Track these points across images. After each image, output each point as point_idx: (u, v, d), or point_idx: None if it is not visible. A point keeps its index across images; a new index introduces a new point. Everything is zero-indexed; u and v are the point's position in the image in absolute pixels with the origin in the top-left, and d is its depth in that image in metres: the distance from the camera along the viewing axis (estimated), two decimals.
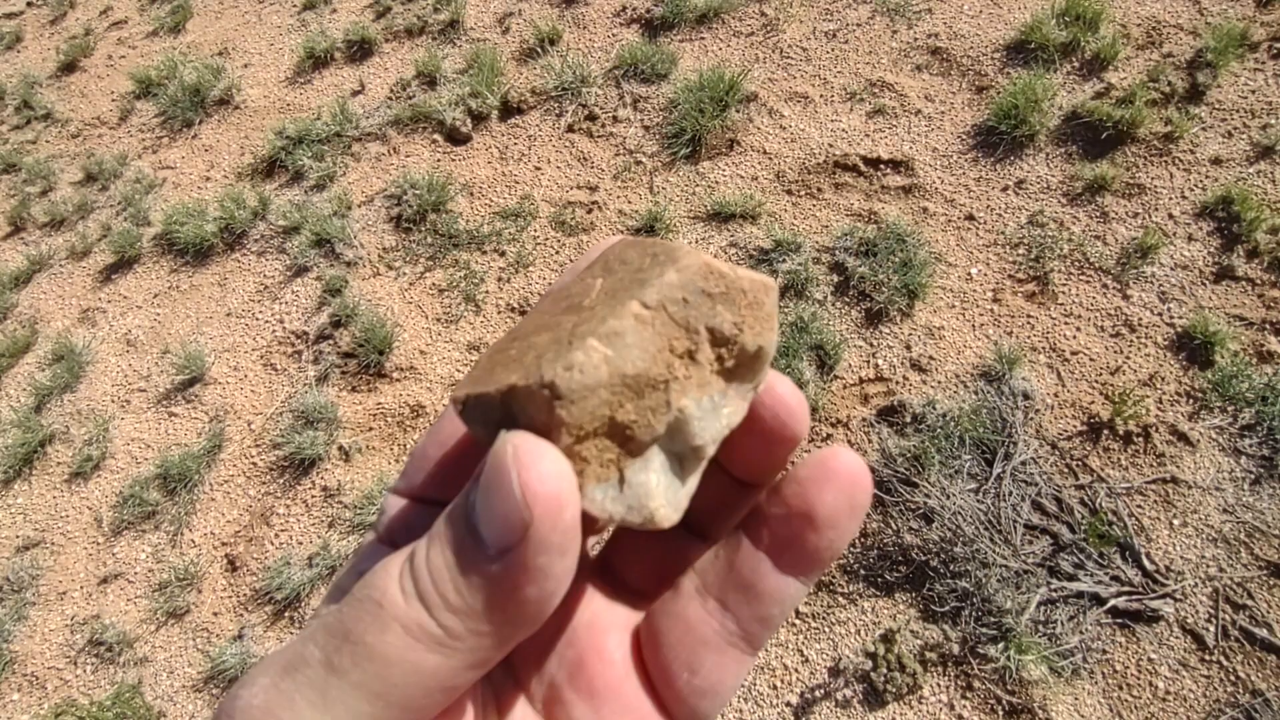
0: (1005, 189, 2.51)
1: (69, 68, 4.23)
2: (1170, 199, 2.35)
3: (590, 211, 2.83)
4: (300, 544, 2.34)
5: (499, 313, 2.66)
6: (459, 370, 2.57)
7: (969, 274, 2.38)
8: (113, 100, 3.97)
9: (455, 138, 3.19)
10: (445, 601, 0.23)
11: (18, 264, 3.36)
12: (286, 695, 0.22)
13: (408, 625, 0.22)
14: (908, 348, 2.27)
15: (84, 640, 2.32)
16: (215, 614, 2.29)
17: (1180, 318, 2.15)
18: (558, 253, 2.75)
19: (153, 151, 3.65)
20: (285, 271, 2.98)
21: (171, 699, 2.17)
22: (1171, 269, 2.24)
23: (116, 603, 2.38)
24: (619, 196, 2.83)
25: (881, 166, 2.67)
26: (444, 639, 0.23)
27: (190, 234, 3.11)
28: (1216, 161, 2.37)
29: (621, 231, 2.72)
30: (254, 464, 2.54)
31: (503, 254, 2.81)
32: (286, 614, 2.23)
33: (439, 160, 3.14)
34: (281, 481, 2.47)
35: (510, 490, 0.22)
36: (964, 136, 2.65)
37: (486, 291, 2.72)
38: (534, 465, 0.22)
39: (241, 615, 2.27)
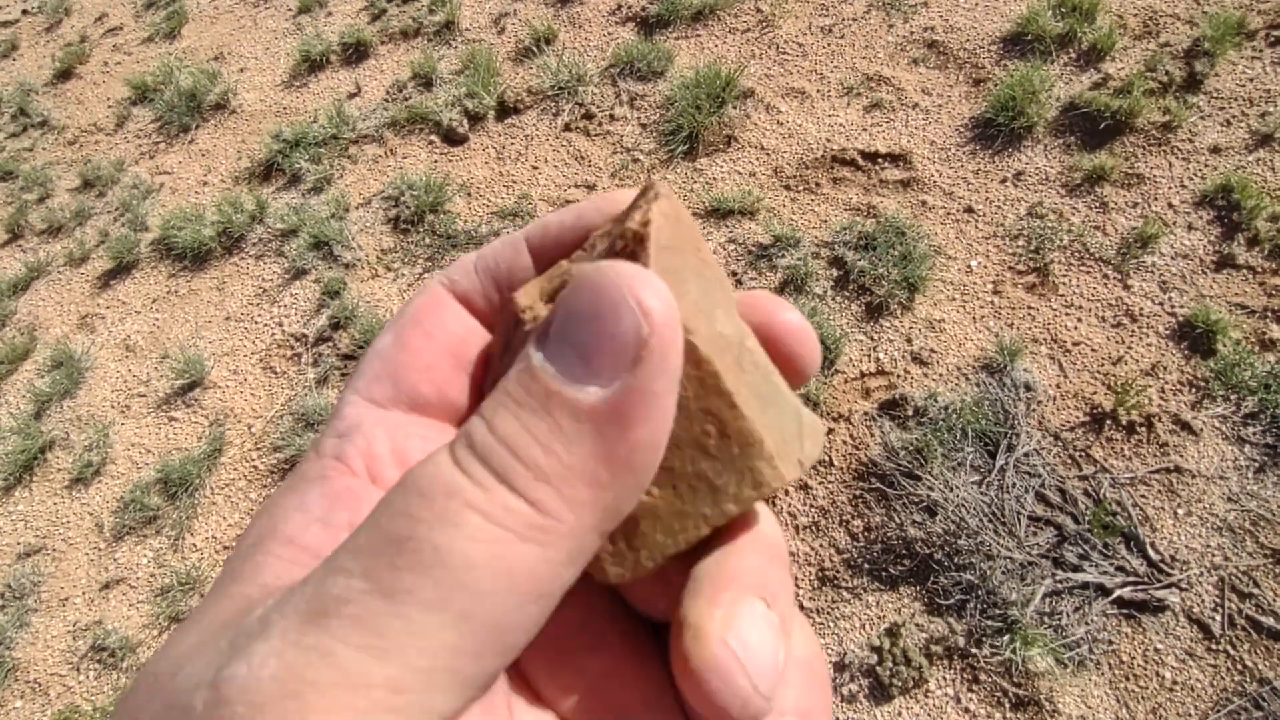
0: (1004, 181, 2.50)
1: (65, 75, 4.23)
2: (1170, 188, 2.34)
3: None
4: None
5: None
6: None
7: (969, 266, 2.37)
8: (109, 107, 3.96)
9: (452, 138, 3.18)
10: (535, 468, 0.18)
11: (16, 271, 3.36)
12: (319, 652, 0.16)
13: (489, 511, 0.18)
14: (908, 341, 2.27)
15: (86, 646, 2.32)
16: None
17: (1181, 307, 2.14)
18: None
19: (150, 157, 3.65)
20: (284, 274, 2.98)
21: None
22: (1172, 258, 2.23)
23: (119, 608, 2.37)
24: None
25: (879, 160, 2.66)
26: (538, 521, 0.18)
27: (188, 239, 3.10)
28: (1215, 150, 2.37)
29: None
30: (255, 467, 2.54)
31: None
32: None
33: (436, 161, 3.13)
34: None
35: (624, 303, 0.19)
36: (962, 129, 2.65)
37: None
38: (646, 280, 0.19)
39: None
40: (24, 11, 4.82)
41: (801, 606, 1.96)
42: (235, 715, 0.16)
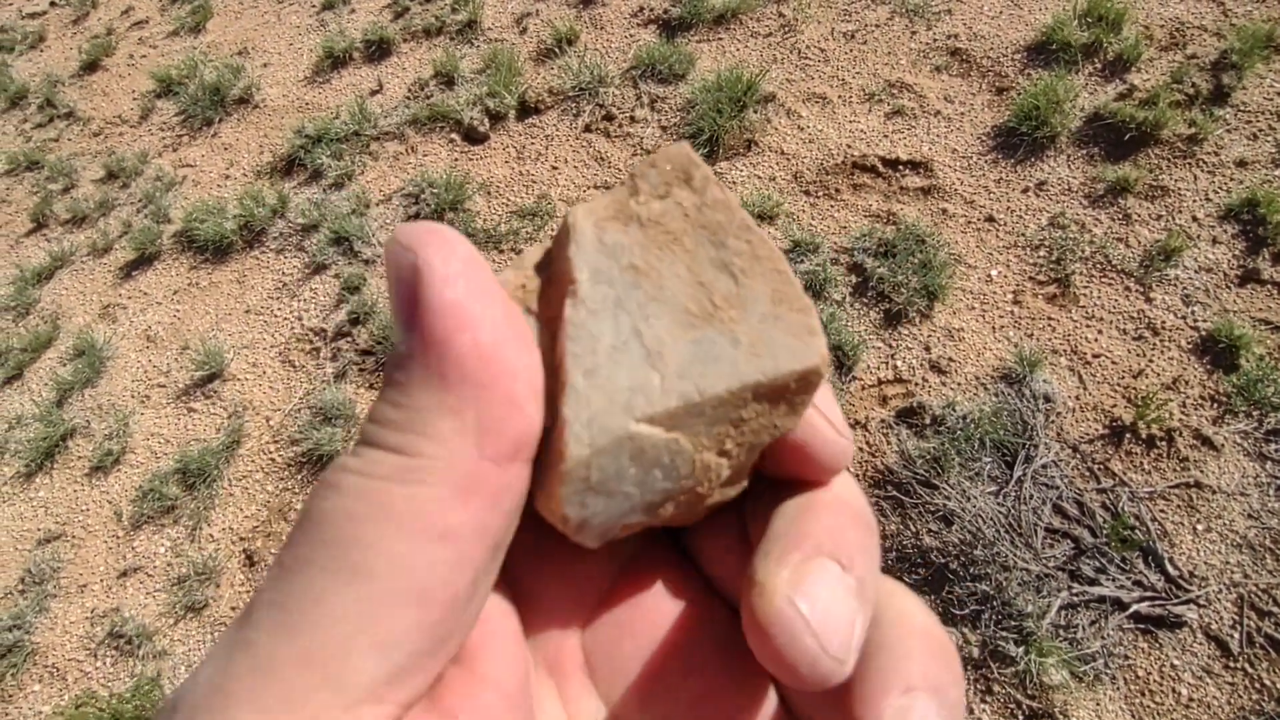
0: (1026, 190, 2.49)
1: (91, 67, 4.28)
2: (1194, 201, 2.33)
3: None
4: None
5: None
6: None
7: (989, 275, 2.36)
8: (134, 99, 4.01)
9: (473, 137, 3.20)
10: (388, 422, 0.19)
11: (40, 260, 3.40)
12: (242, 644, 0.17)
13: (361, 469, 0.18)
14: (927, 349, 2.26)
15: (104, 633, 2.34)
16: (233, 608, 2.31)
17: (1204, 321, 2.13)
18: None
19: (173, 150, 3.69)
20: (304, 269, 3.00)
21: None
22: (1195, 272, 2.21)
23: (136, 596, 2.40)
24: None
25: (900, 167, 2.66)
26: (408, 463, 0.18)
27: (210, 231, 3.13)
28: (1241, 164, 2.35)
29: None
30: (272, 460, 2.56)
31: (519, 253, 2.81)
32: None
33: (456, 159, 3.15)
34: (300, 477, 2.49)
35: (393, 248, 0.19)
36: (984, 138, 2.64)
37: None
38: (419, 225, 0.20)
39: None
40: (52, 3, 4.88)
41: None
42: (176, 712, 0.17)
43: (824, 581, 0.20)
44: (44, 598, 2.45)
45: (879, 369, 2.27)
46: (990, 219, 2.46)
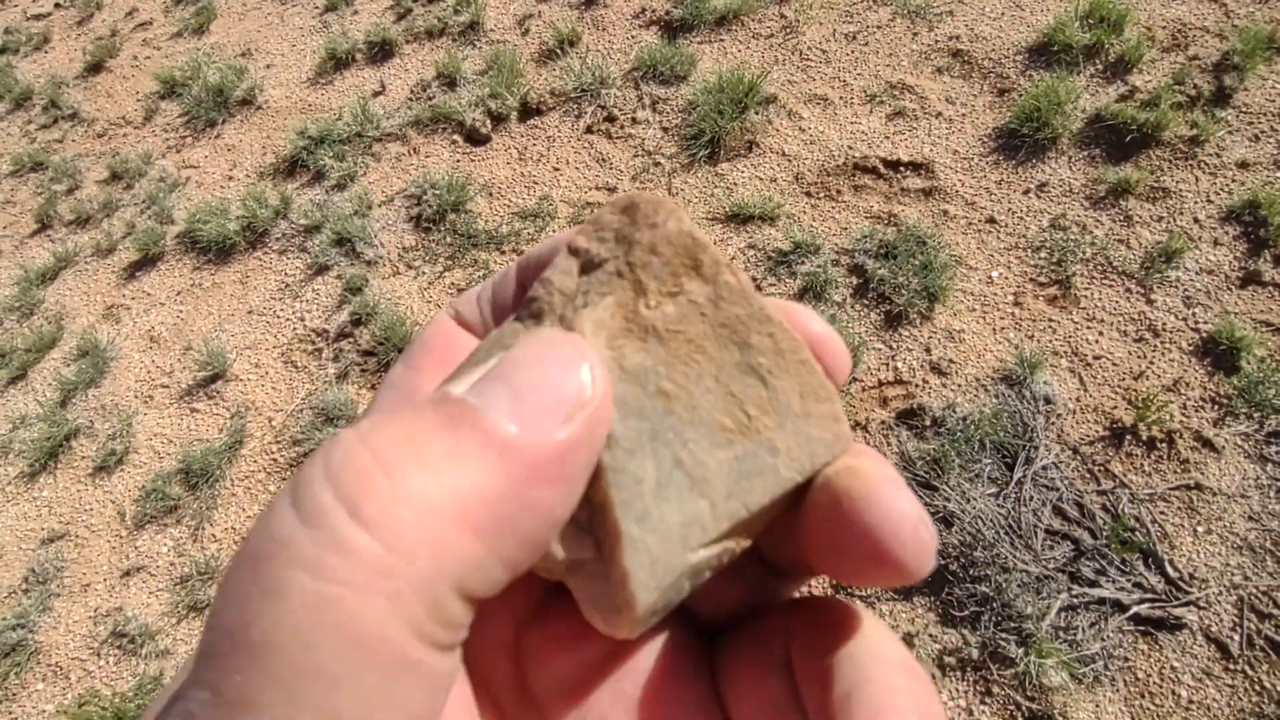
0: (1027, 192, 2.49)
1: (95, 68, 4.29)
2: (1195, 203, 2.33)
3: None
4: None
5: None
6: None
7: (990, 277, 2.36)
8: (138, 100, 4.02)
9: (475, 138, 3.21)
10: (400, 479, 0.15)
11: (45, 261, 3.42)
12: None
13: (320, 560, 0.14)
14: (927, 351, 2.26)
15: (107, 632, 2.36)
16: None
17: (1205, 323, 2.12)
18: None
19: (176, 151, 3.70)
20: (306, 270, 3.01)
21: None
22: (1196, 274, 2.21)
23: (139, 595, 2.41)
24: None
25: (901, 169, 2.66)
26: (383, 561, 0.15)
27: (213, 232, 3.14)
28: (1243, 165, 2.34)
29: None
30: (275, 460, 2.57)
31: (521, 254, 2.82)
32: None
33: (459, 161, 3.16)
34: None
35: (579, 360, 0.18)
36: (985, 139, 2.64)
37: None
38: (597, 357, 0.19)
39: None
40: (57, 5, 4.90)
41: None
42: None
43: None
44: (47, 597, 2.47)
45: (879, 370, 2.27)
46: (991, 220, 2.46)
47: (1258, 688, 1.69)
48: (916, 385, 2.22)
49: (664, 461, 0.21)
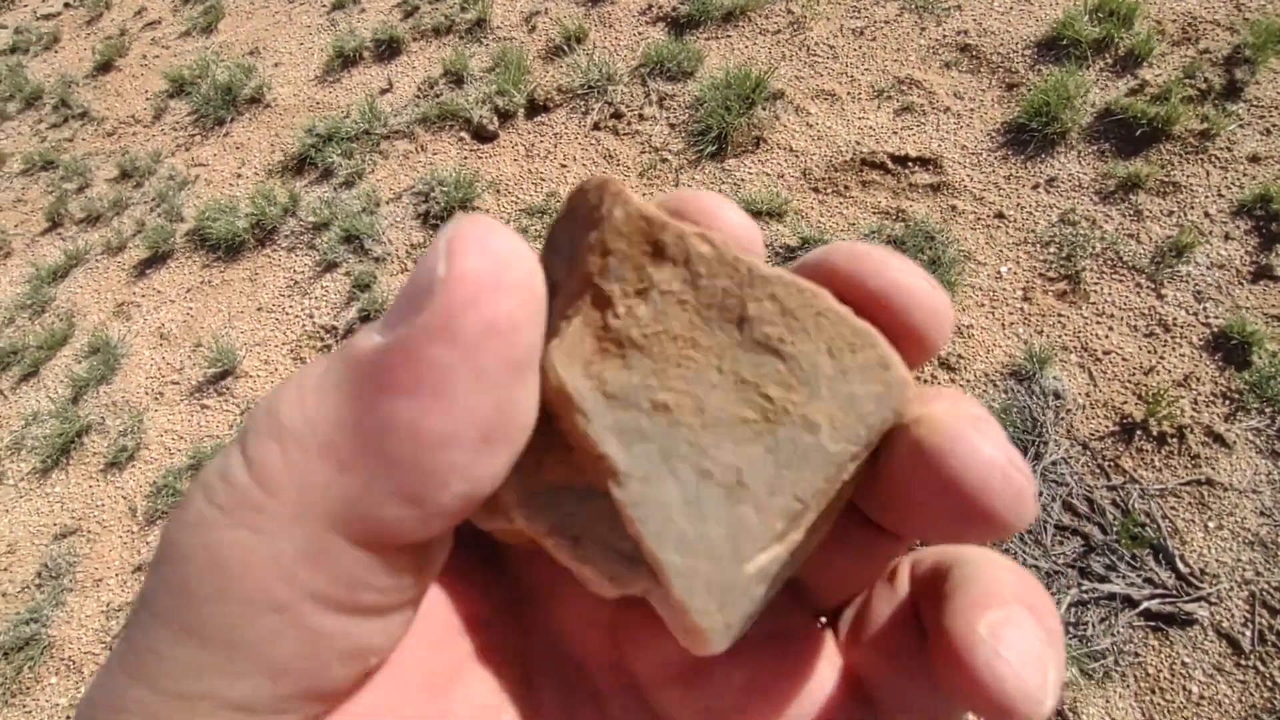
0: (1036, 187, 2.48)
1: (105, 67, 4.32)
2: (1206, 197, 2.31)
3: None
4: None
5: None
6: None
7: (998, 272, 2.36)
8: (147, 99, 4.04)
9: (482, 135, 3.21)
10: (273, 416, 0.15)
11: (55, 259, 3.44)
12: (103, 671, 0.16)
13: (207, 484, 0.16)
14: None
15: (119, 627, 2.37)
16: None
17: (1216, 317, 2.11)
18: None
19: (186, 149, 3.72)
20: (315, 267, 3.02)
21: None
22: (1208, 268, 2.20)
23: None
24: (645, 194, 2.84)
25: (909, 164, 2.65)
26: (252, 495, 0.15)
27: (222, 230, 3.16)
28: (1254, 159, 2.33)
29: None
30: None
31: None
32: None
33: (466, 158, 3.17)
34: None
35: (436, 243, 0.15)
36: (994, 134, 2.63)
37: None
38: (481, 226, 0.16)
39: None
40: (66, 5, 4.93)
41: None
42: None
43: (1022, 628, 0.18)
44: (60, 592, 2.49)
45: None
46: (1000, 215, 2.46)
47: (1270, 683, 1.68)
48: (925, 381, 2.21)
49: (686, 479, 0.19)
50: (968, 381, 2.18)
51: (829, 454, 0.19)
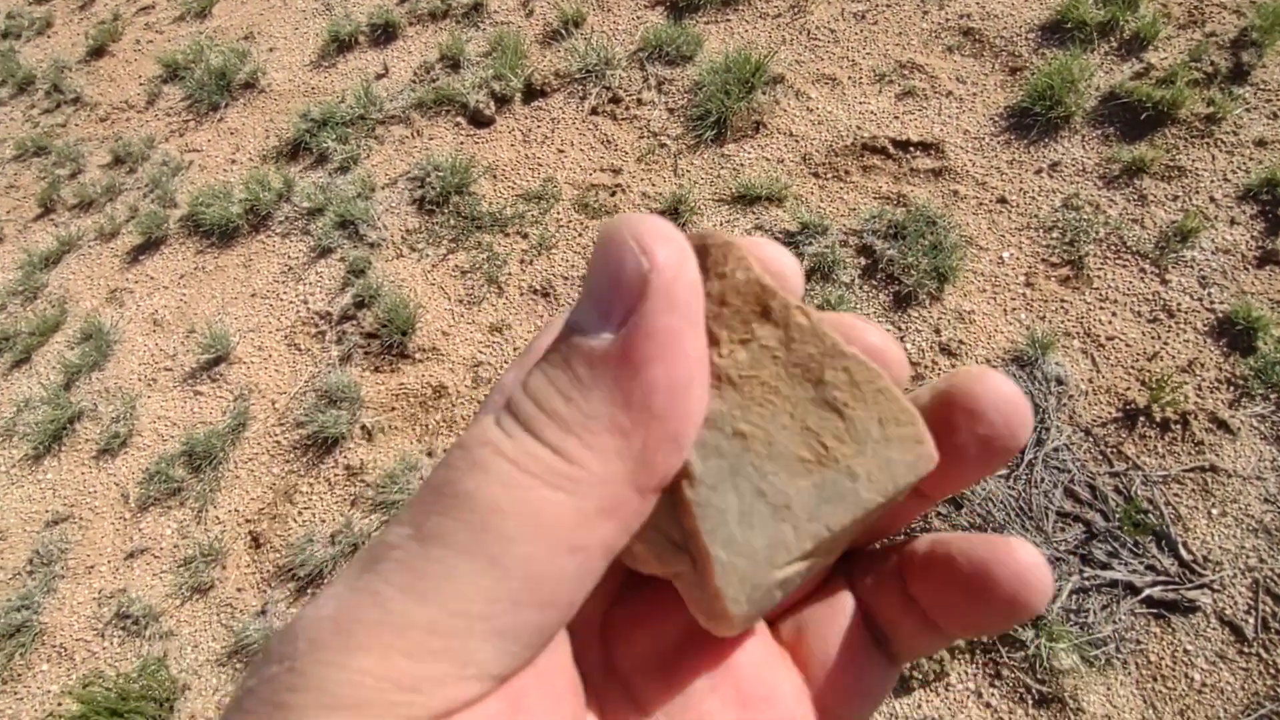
0: (1039, 171, 2.45)
1: (97, 52, 4.27)
2: (1212, 182, 2.28)
3: (614, 194, 2.80)
4: (323, 522, 2.35)
5: (521, 295, 2.65)
6: (481, 351, 2.56)
7: (1001, 258, 2.33)
8: (140, 84, 4.00)
9: (478, 120, 3.18)
10: (557, 417, 0.19)
11: (48, 245, 3.40)
12: (368, 593, 0.17)
13: (516, 458, 0.18)
14: (937, 332, 2.23)
15: (111, 613, 2.35)
16: (239, 590, 2.31)
17: (1221, 303, 2.09)
18: (580, 235, 2.73)
19: (179, 135, 3.68)
20: (309, 253, 2.99)
21: (196, 672, 2.20)
22: (1213, 253, 2.17)
23: (143, 577, 2.40)
24: (643, 179, 2.81)
25: (911, 149, 2.62)
26: (563, 468, 0.18)
27: (216, 215, 3.13)
28: (1261, 143, 2.30)
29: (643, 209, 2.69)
30: (278, 442, 2.55)
31: (525, 236, 2.79)
32: (309, 590, 2.24)
33: (462, 143, 3.13)
34: (305, 460, 2.49)
35: (625, 245, 0.19)
36: (996, 119, 2.60)
37: (509, 274, 2.71)
38: (650, 223, 0.19)
39: (265, 591, 2.28)
40: None
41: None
42: (296, 651, 0.17)
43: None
44: (52, 578, 2.46)
45: None
46: (1002, 200, 2.43)
47: (1273, 670, 1.66)
48: (925, 367, 2.18)
49: (745, 494, 0.23)
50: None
51: (861, 499, 0.23)
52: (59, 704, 2.20)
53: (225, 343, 2.79)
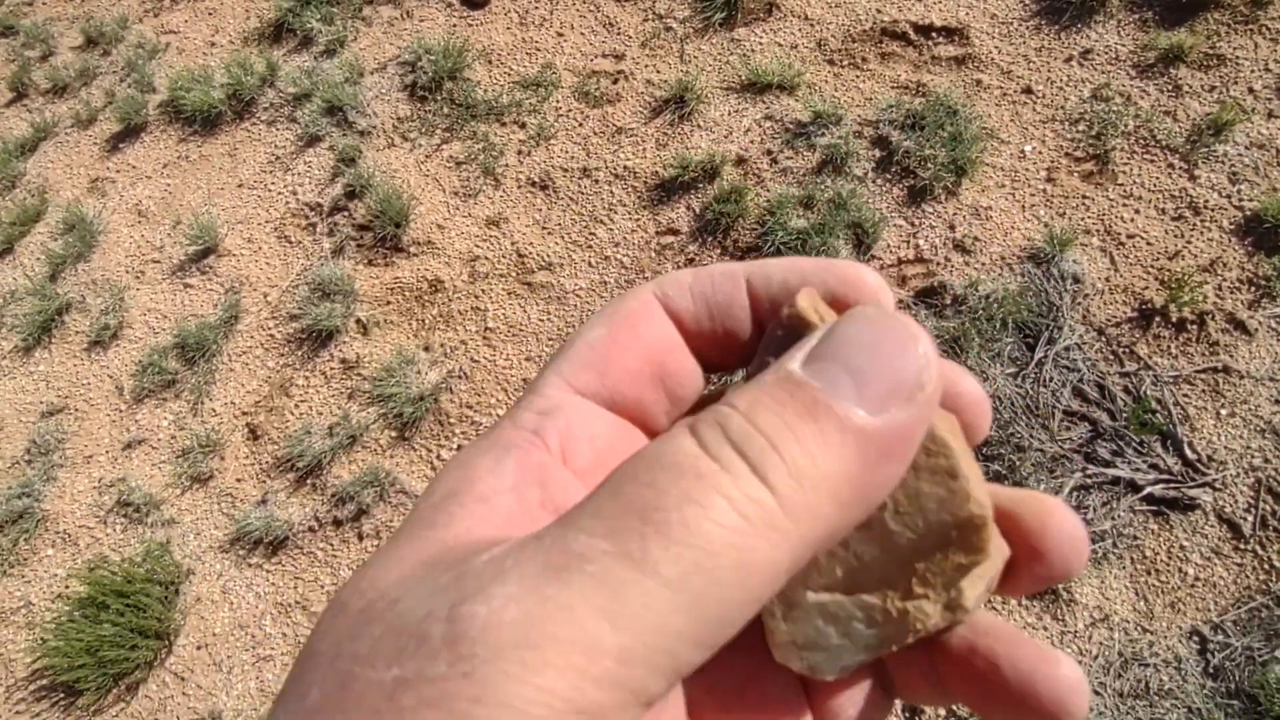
0: (1069, 60, 2.30)
1: None
2: (1252, 72, 2.15)
3: (616, 82, 2.65)
4: (320, 414, 2.33)
5: (519, 187, 2.54)
6: (477, 245, 2.47)
7: (1022, 151, 2.22)
8: None
9: (472, 1, 2.97)
10: (793, 465, 0.18)
11: (22, 131, 3.25)
12: (561, 605, 0.16)
13: (736, 499, 0.17)
14: (951, 228, 2.15)
15: (112, 501, 2.36)
16: (238, 480, 2.31)
17: (1251, 200, 2.00)
18: (581, 125, 2.60)
19: (154, 15, 3.46)
20: (296, 141, 2.86)
21: (199, 558, 2.22)
22: (1246, 148, 2.06)
23: (142, 467, 2.40)
24: (647, 66, 2.65)
25: (933, 34, 2.46)
26: (779, 520, 0.18)
27: (197, 101, 2.97)
28: None
29: (646, 102, 2.55)
30: (272, 336, 2.51)
31: (523, 126, 2.66)
32: (309, 481, 2.24)
33: (455, 25, 2.94)
34: (300, 353, 2.44)
35: (913, 343, 0.20)
36: (1026, 2, 2.42)
37: (506, 165, 2.59)
38: (927, 335, 0.20)
39: (264, 482, 2.29)
40: None
41: None
42: (474, 654, 0.16)
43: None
44: (51, 468, 2.47)
45: (899, 248, 2.16)
46: (1028, 90, 2.29)
47: (1267, 566, 1.67)
48: (938, 263, 2.11)
49: None
50: (983, 264, 2.08)
51: (888, 530, 0.23)
52: (66, 586, 2.24)
53: (213, 234, 2.70)
